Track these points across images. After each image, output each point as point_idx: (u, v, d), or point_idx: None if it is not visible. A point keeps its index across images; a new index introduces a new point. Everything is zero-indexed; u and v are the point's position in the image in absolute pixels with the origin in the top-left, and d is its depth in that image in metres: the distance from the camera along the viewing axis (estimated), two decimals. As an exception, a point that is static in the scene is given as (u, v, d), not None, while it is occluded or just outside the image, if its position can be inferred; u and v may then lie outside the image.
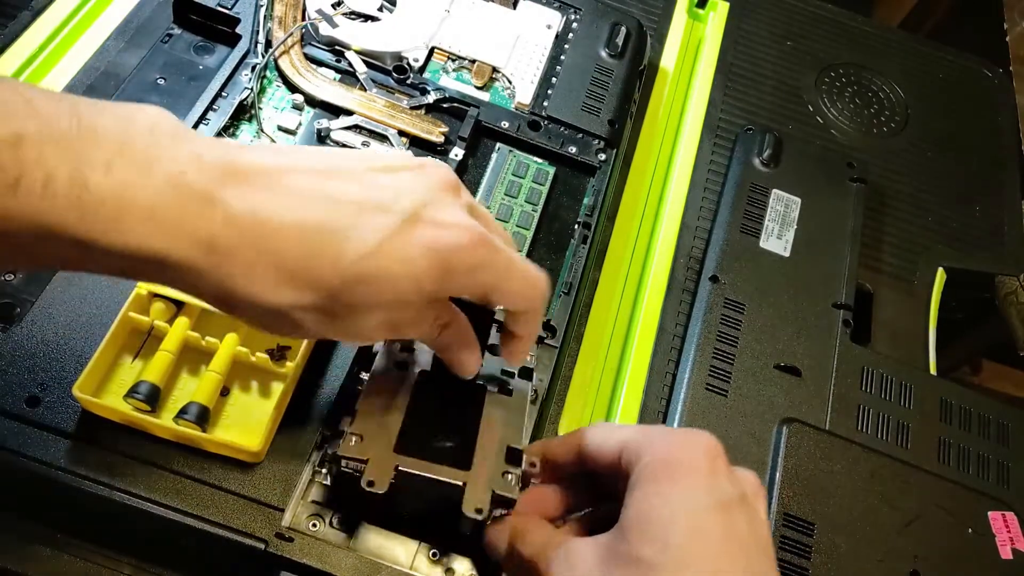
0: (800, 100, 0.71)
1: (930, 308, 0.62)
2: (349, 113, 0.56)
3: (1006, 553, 0.50)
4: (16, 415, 0.41)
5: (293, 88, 0.57)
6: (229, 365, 0.42)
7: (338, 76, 0.59)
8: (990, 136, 0.74)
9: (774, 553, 0.29)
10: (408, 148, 0.56)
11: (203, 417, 0.40)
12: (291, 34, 0.58)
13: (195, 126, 0.53)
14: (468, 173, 0.57)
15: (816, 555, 0.47)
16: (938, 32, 1.05)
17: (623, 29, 0.65)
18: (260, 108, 0.55)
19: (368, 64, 0.59)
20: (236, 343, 0.43)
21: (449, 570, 0.41)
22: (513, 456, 0.37)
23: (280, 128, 0.55)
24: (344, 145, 0.56)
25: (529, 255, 0.55)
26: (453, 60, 0.61)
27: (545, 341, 0.50)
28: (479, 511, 0.35)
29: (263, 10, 0.58)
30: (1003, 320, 0.66)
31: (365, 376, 0.41)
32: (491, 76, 0.61)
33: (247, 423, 0.43)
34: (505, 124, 0.58)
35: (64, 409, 0.41)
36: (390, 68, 0.59)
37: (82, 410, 0.41)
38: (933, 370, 0.59)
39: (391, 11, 0.62)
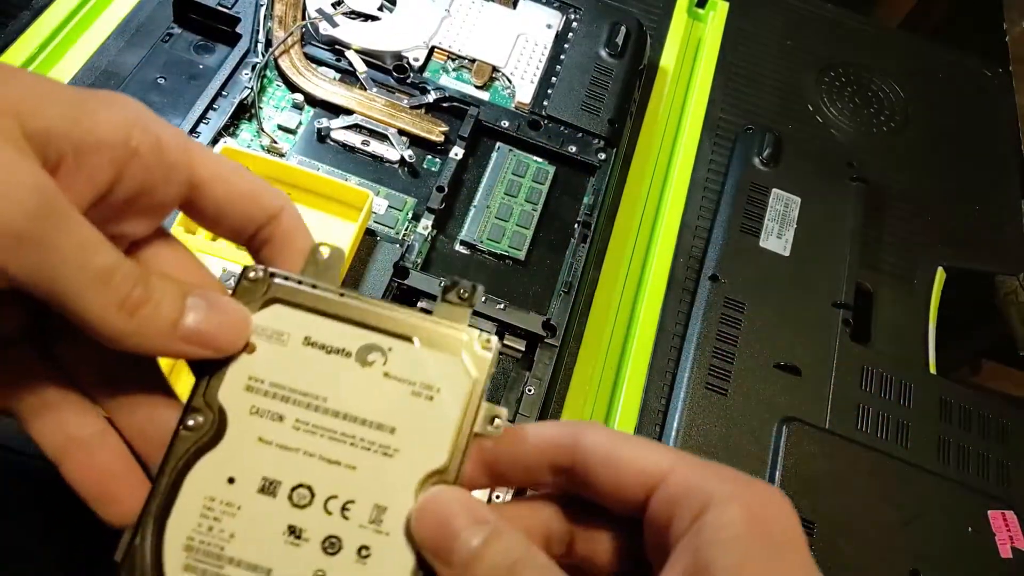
0: (800, 99, 0.71)
1: (930, 307, 0.62)
2: (349, 112, 0.56)
3: (1006, 552, 0.50)
4: (16, 414, 0.41)
5: (293, 87, 0.57)
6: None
7: (338, 75, 0.59)
8: (990, 136, 0.74)
9: None
10: (408, 147, 0.56)
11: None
12: (291, 33, 0.58)
13: (195, 125, 0.53)
14: (468, 172, 0.57)
15: (817, 554, 0.47)
16: (938, 32, 1.05)
17: (623, 29, 0.65)
18: (260, 107, 0.55)
19: (368, 63, 0.59)
20: (236, 342, 0.43)
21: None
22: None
23: (280, 127, 0.55)
24: (344, 144, 0.56)
25: (529, 254, 0.55)
26: (453, 59, 0.62)
27: (545, 341, 0.50)
28: None
29: (263, 9, 0.58)
30: (1003, 319, 0.66)
31: None
32: (491, 75, 0.61)
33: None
34: (505, 123, 0.58)
35: (64, 408, 0.41)
36: (390, 67, 0.59)
37: (82, 409, 0.41)
38: (933, 369, 0.59)
39: (391, 10, 0.62)
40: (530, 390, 0.48)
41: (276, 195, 0.24)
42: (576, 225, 0.56)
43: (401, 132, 0.56)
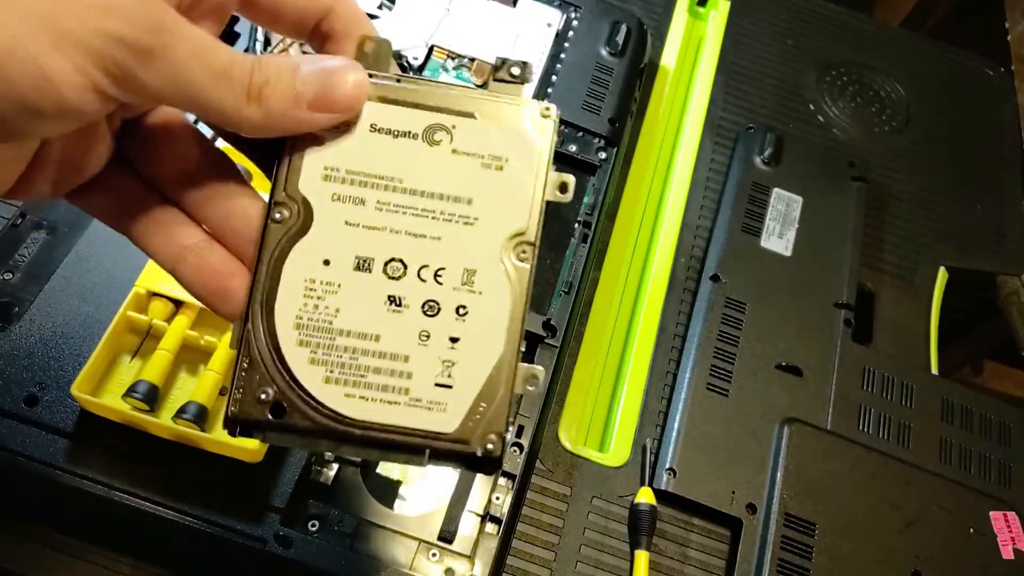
0: (801, 99, 0.71)
1: (931, 308, 0.62)
2: (349, 112, 0.56)
3: (1007, 553, 0.50)
4: (14, 414, 0.40)
5: (293, 86, 0.57)
6: (228, 364, 0.42)
7: (338, 74, 0.58)
8: (991, 135, 0.74)
9: None
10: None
11: (202, 416, 0.40)
12: (291, 32, 0.58)
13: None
14: (468, 172, 0.57)
15: (818, 555, 0.47)
16: (939, 31, 1.05)
17: (623, 27, 0.65)
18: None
19: (368, 62, 0.59)
20: (235, 342, 0.43)
21: (449, 570, 0.41)
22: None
23: (280, 127, 0.55)
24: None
25: (529, 254, 0.55)
26: (453, 58, 0.61)
27: (545, 341, 0.49)
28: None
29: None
30: (1005, 320, 0.66)
31: None
32: (491, 74, 0.61)
33: (246, 423, 0.42)
34: (505, 123, 0.58)
35: (62, 408, 0.41)
36: (390, 66, 0.59)
37: (80, 409, 0.41)
38: (934, 370, 0.59)
39: (390, 9, 0.61)
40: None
41: None
42: (576, 225, 0.56)
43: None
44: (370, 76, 0.24)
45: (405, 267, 0.23)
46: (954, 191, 0.69)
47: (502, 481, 0.44)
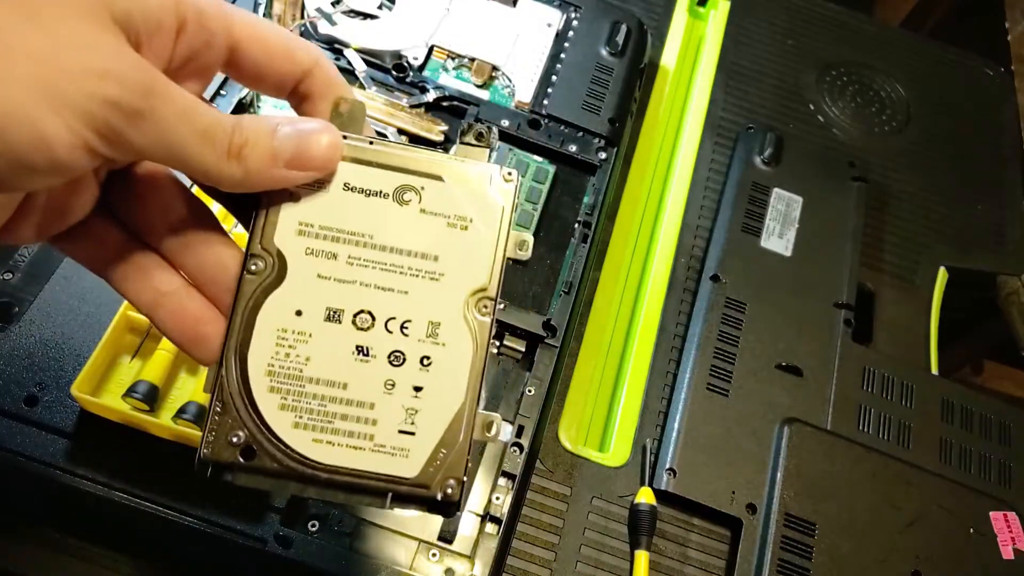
0: (801, 99, 0.71)
1: (932, 307, 0.62)
2: (349, 111, 0.56)
3: (1007, 553, 0.50)
4: (14, 415, 0.40)
5: (293, 86, 0.57)
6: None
7: (338, 74, 0.58)
8: (992, 135, 0.74)
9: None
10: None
11: (202, 416, 0.40)
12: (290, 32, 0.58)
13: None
14: (468, 172, 0.57)
15: (818, 555, 0.47)
16: (939, 31, 1.05)
17: (624, 27, 0.65)
18: (259, 106, 0.55)
19: (367, 62, 0.59)
20: (235, 342, 0.43)
21: (449, 570, 0.41)
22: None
23: (279, 126, 0.55)
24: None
25: (529, 254, 0.55)
26: (453, 58, 0.61)
27: (545, 341, 0.49)
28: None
29: (262, 8, 0.58)
30: (1005, 320, 0.66)
31: None
32: (491, 74, 0.61)
33: (246, 423, 0.42)
34: (505, 123, 0.58)
35: (62, 409, 0.41)
36: (389, 66, 0.59)
37: (80, 410, 0.41)
38: (935, 370, 0.59)
39: (390, 9, 0.61)
40: (530, 390, 0.48)
41: (308, 50, 0.26)
42: (576, 225, 0.56)
43: (400, 131, 0.56)
44: (344, 137, 0.25)
45: (373, 319, 0.24)
46: (954, 191, 0.69)
47: (502, 481, 0.44)
